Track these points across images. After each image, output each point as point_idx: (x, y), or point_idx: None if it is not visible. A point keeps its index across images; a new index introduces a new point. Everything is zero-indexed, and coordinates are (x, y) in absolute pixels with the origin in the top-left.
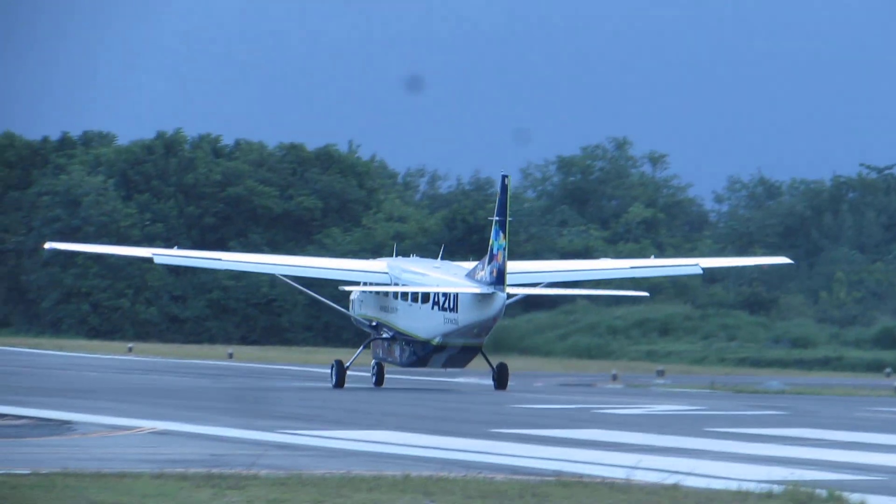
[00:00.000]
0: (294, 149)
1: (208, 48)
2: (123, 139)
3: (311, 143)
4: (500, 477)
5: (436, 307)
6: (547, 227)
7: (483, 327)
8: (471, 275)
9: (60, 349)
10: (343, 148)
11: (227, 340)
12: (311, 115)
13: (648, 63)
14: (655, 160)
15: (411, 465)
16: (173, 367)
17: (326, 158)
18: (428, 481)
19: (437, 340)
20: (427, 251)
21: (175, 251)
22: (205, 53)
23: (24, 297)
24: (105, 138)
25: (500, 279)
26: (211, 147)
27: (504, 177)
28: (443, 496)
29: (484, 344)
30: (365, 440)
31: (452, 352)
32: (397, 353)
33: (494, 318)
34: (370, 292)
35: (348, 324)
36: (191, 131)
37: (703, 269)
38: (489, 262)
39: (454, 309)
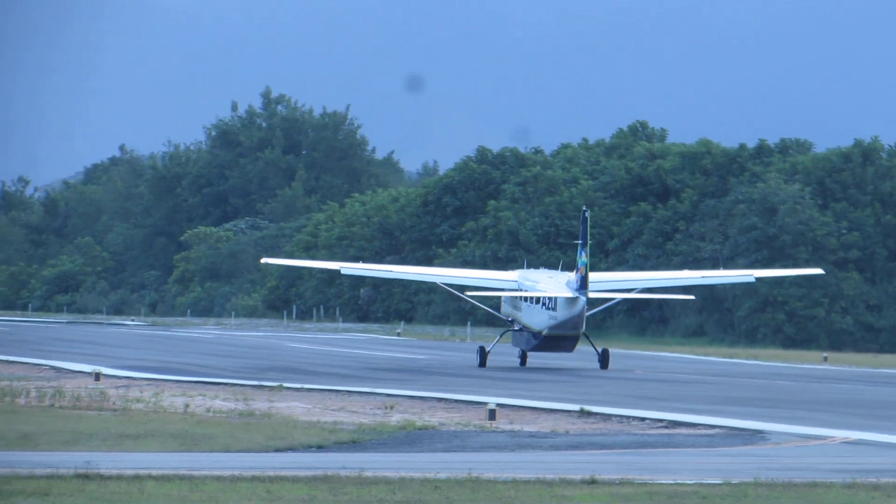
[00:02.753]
0: None
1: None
2: (820, 147)
3: None
4: None
5: (543, 307)
6: None
7: (573, 322)
8: (569, 283)
9: (755, 358)
10: None
11: None
12: None
13: None
14: None
15: None
16: (867, 377)
17: None
18: None
19: (545, 332)
20: None
21: (359, 264)
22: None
23: (720, 306)
24: (802, 146)
25: (582, 286)
26: None
27: (584, 210)
28: None
29: (582, 333)
30: None
31: (556, 340)
32: (524, 340)
33: (579, 315)
34: (509, 296)
35: None
36: (887, 139)
37: (756, 278)
38: (576, 274)
39: (554, 308)
